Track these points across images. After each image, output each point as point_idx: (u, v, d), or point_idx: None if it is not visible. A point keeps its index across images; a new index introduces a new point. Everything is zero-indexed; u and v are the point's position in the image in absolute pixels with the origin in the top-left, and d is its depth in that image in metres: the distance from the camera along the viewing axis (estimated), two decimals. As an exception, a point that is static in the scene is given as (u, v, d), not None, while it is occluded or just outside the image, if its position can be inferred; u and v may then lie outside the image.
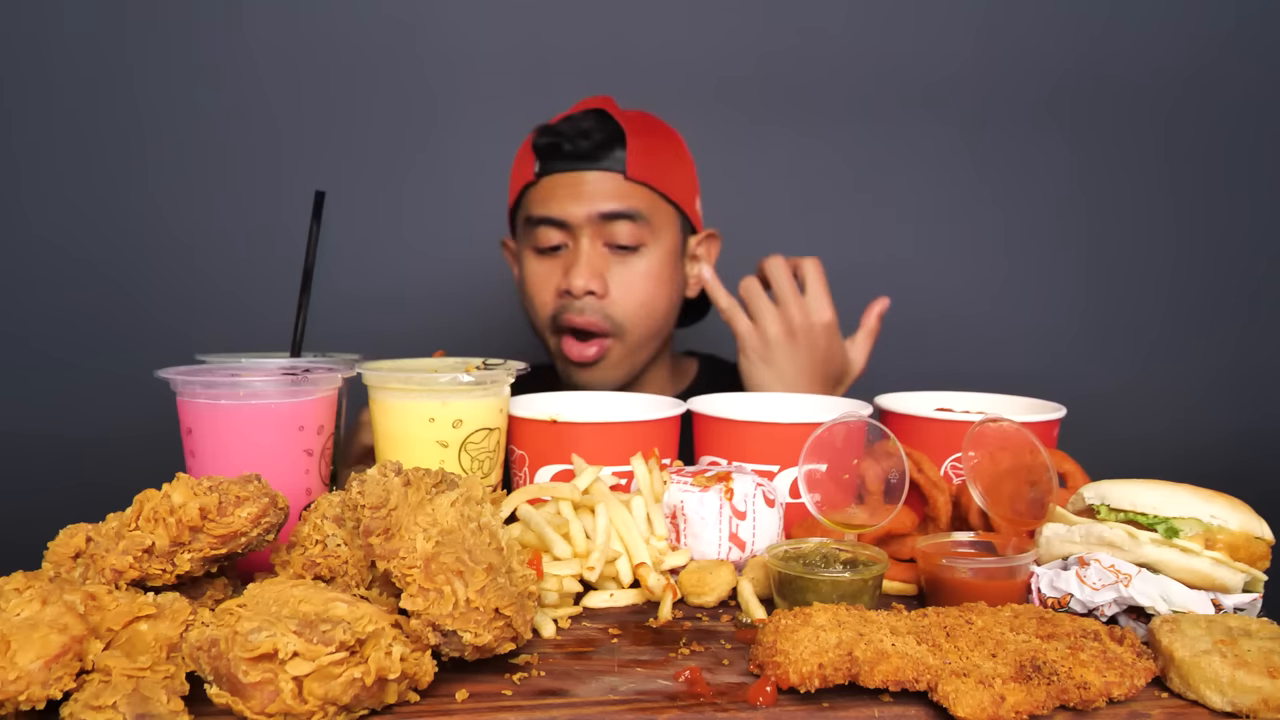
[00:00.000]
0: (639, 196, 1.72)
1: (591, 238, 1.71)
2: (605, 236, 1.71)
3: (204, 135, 2.41)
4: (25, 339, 2.40)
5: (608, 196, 1.70)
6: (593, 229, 1.71)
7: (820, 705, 0.80)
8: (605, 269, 1.72)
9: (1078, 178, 2.55)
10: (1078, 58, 2.51)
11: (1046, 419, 1.25)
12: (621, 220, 1.70)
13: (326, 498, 0.96)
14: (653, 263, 1.74)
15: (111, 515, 0.89)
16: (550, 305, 1.75)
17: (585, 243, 1.71)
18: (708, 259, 1.89)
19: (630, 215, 1.70)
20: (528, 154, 1.78)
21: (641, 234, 1.72)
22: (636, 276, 1.73)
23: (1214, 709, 0.80)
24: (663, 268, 1.76)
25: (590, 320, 1.71)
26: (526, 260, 1.80)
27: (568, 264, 1.72)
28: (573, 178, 1.72)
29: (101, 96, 2.37)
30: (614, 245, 1.72)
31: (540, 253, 1.76)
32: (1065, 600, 0.96)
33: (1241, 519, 0.96)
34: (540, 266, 1.77)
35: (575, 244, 1.72)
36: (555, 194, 1.72)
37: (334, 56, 2.41)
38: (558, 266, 1.74)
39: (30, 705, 0.70)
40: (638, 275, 1.74)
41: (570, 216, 1.70)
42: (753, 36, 2.44)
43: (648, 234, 1.73)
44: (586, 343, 1.73)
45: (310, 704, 0.72)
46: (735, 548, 1.11)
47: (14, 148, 2.37)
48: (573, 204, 1.70)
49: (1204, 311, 2.60)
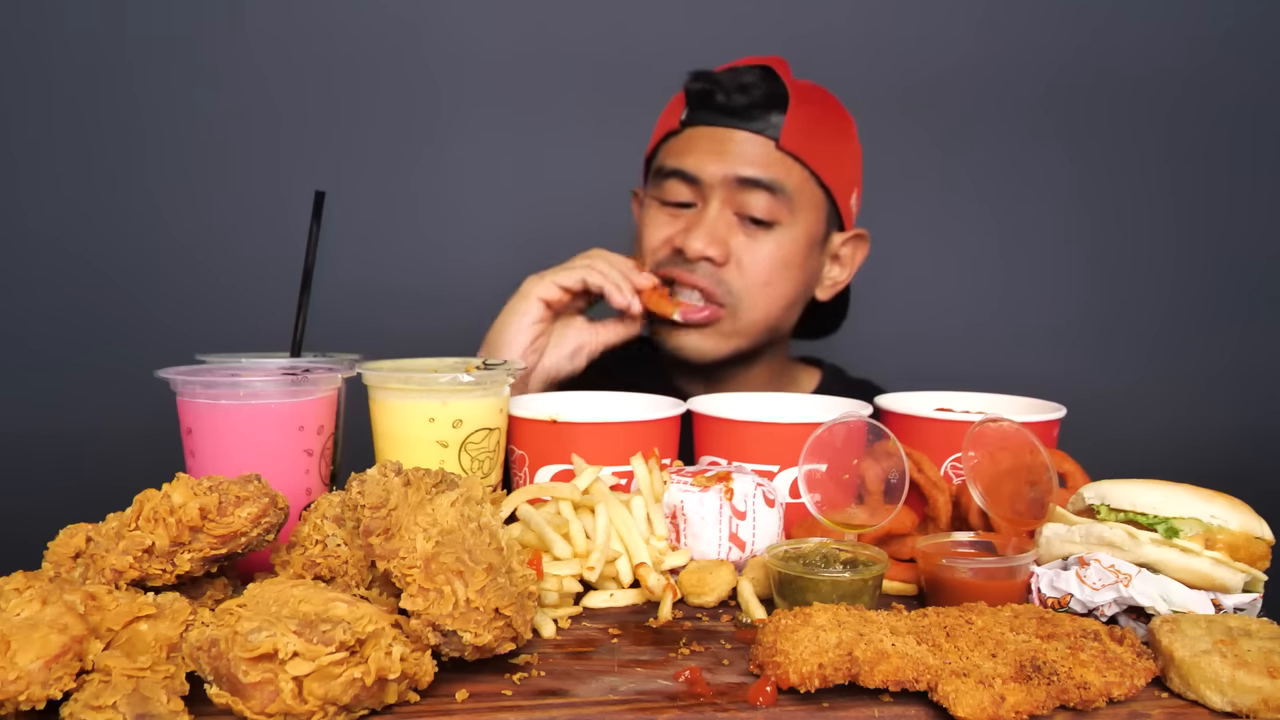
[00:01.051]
0: (786, 169, 1.56)
1: (723, 202, 1.56)
2: (737, 205, 1.57)
3: (204, 134, 2.40)
4: (25, 339, 2.40)
5: (751, 161, 1.55)
6: (726, 193, 1.56)
7: (820, 705, 0.80)
8: (730, 238, 1.57)
9: (1078, 177, 2.55)
10: (1077, 57, 2.51)
11: (1046, 419, 1.25)
12: (759, 190, 1.55)
13: (326, 498, 0.96)
14: (785, 244, 1.58)
15: (111, 515, 0.89)
16: (659, 256, 1.61)
17: (715, 205, 1.56)
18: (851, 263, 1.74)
19: (770, 187, 1.55)
20: (679, 100, 1.64)
21: (779, 210, 1.56)
22: (763, 255, 1.57)
23: (1214, 709, 0.80)
24: (795, 253, 1.60)
25: (703, 283, 1.57)
26: (649, 209, 1.65)
27: (690, 224, 1.58)
28: (718, 133, 1.57)
29: (101, 95, 2.37)
30: (745, 216, 1.57)
31: (665, 205, 1.62)
32: (1065, 600, 0.96)
33: (1241, 519, 0.96)
34: (660, 216, 1.62)
35: (704, 205, 1.57)
36: (695, 147, 1.58)
37: (335, 55, 2.41)
38: (678, 222, 1.60)
39: (30, 705, 0.70)
40: (764, 254, 1.57)
41: (705, 174, 1.56)
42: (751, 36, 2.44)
43: (785, 211, 1.57)
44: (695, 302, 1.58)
45: (310, 704, 0.72)
46: (735, 548, 1.11)
47: (13, 146, 2.37)
48: (711, 161, 1.56)
49: (1204, 311, 2.60)
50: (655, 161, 1.68)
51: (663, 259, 1.61)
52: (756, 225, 1.57)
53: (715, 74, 1.60)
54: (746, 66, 1.62)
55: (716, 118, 1.58)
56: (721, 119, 1.58)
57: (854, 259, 1.74)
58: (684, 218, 1.60)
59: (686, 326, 1.60)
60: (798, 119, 1.57)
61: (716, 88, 1.58)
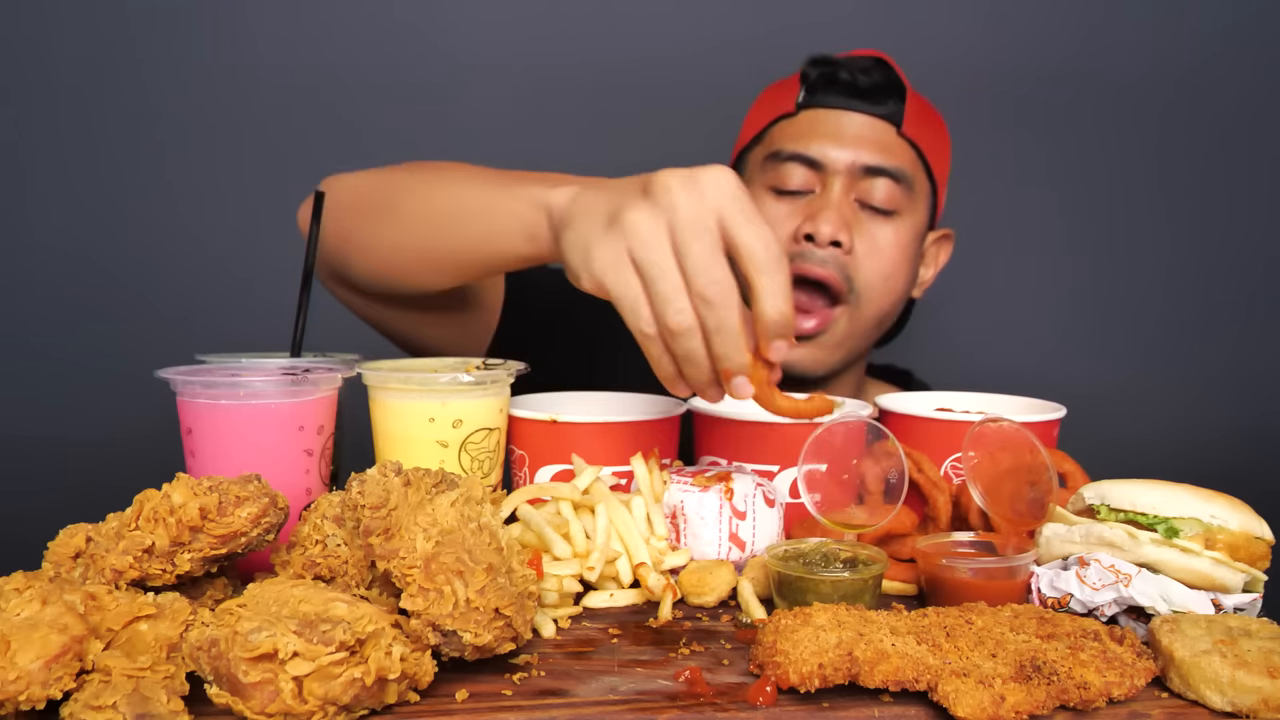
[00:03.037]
0: (907, 157, 1.52)
1: (845, 188, 1.50)
2: (859, 192, 1.51)
3: (204, 134, 2.40)
4: (25, 339, 2.40)
5: (875, 147, 1.50)
6: (848, 179, 1.50)
7: (820, 705, 0.80)
8: (854, 224, 1.50)
9: (1075, 175, 2.55)
10: (1074, 54, 2.50)
11: (1046, 419, 1.25)
12: (883, 177, 1.49)
13: (326, 498, 0.96)
14: (903, 234, 1.52)
15: (111, 515, 0.89)
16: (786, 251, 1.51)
17: (837, 189, 1.49)
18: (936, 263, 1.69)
19: (894, 174, 1.50)
20: (789, 85, 1.58)
21: (899, 199, 1.51)
22: (886, 243, 1.50)
23: (1214, 709, 0.80)
24: (911, 244, 1.54)
25: (829, 274, 1.48)
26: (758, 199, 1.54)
27: (811, 209, 1.50)
28: (840, 116, 1.52)
29: (103, 96, 2.37)
30: (865, 204, 1.51)
31: (779, 194, 1.54)
32: (1065, 600, 0.96)
33: (1241, 519, 0.96)
34: (778, 207, 1.53)
35: (824, 191, 1.50)
36: (816, 129, 1.52)
37: (336, 55, 2.41)
38: (798, 210, 1.52)
39: (30, 705, 0.70)
40: (887, 242, 1.50)
41: (828, 158, 1.50)
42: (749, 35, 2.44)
43: (906, 201, 1.52)
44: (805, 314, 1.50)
45: (310, 704, 0.72)
46: (735, 548, 1.11)
47: (14, 146, 2.37)
48: (834, 145, 1.50)
49: (1203, 310, 2.60)
50: (762, 146, 1.60)
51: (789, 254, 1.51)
52: (877, 214, 1.52)
53: (834, 57, 1.56)
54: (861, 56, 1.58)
55: (839, 99, 1.53)
56: (844, 100, 1.53)
57: (938, 259, 1.70)
58: (802, 204, 1.53)
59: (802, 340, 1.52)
60: (914, 108, 1.53)
61: (839, 68, 1.53)
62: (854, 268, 1.51)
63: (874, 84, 1.53)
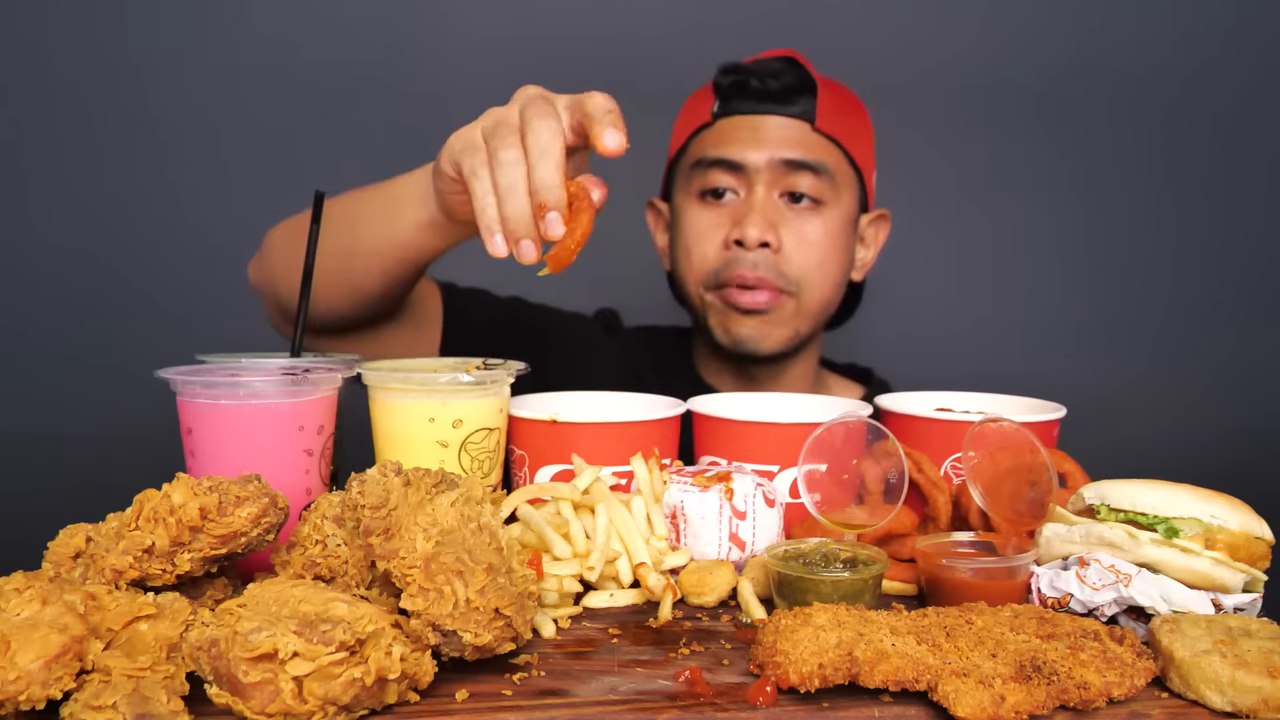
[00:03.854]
0: (825, 150, 1.58)
1: (768, 186, 1.56)
2: (783, 186, 1.56)
3: (204, 132, 2.40)
4: (25, 339, 2.40)
5: (792, 144, 1.56)
6: (770, 177, 1.56)
7: (820, 705, 0.80)
8: (780, 222, 1.56)
9: (1076, 177, 2.55)
10: (1077, 55, 2.51)
11: (1046, 419, 1.25)
12: (804, 171, 1.55)
13: (326, 498, 0.96)
14: (831, 224, 1.58)
15: (111, 515, 0.89)
16: (712, 259, 1.59)
17: (760, 190, 1.56)
18: (875, 243, 1.74)
19: (814, 167, 1.56)
20: (705, 95, 1.64)
21: (824, 190, 1.57)
22: (814, 235, 1.56)
23: (1214, 709, 0.80)
24: (840, 231, 1.60)
25: (762, 276, 1.55)
26: (687, 209, 1.63)
27: (737, 214, 1.57)
28: (755, 120, 1.58)
29: (103, 95, 2.37)
30: (791, 197, 1.56)
31: (704, 199, 1.61)
32: (1065, 600, 0.96)
33: (1241, 519, 0.96)
34: (705, 215, 1.60)
35: (748, 192, 1.57)
36: (734, 135, 1.58)
37: (336, 55, 2.41)
38: (725, 216, 1.58)
39: (30, 705, 0.70)
40: (816, 233, 1.57)
41: (748, 160, 1.56)
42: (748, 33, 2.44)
43: (830, 192, 1.58)
44: (757, 290, 1.57)
45: (310, 704, 0.72)
46: (735, 548, 1.11)
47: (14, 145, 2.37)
48: (752, 147, 1.56)
49: (1204, 310, 2.60)
50: (684, 160, 1.66)
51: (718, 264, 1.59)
52: (803, 207, 1.57)
53: (742, 64, 1.61)
54: (769, 58, 1.63)
55: (751, 105, 1.59)
56: (756, 105, 1.59)
57: (877, 239, 1.76)
58: (728, 207, 1.59)
59: (747, 314, 1.59)
60: (827, 102, 1.58)
61: (749, 76, 1.59)
62: (785, 263, 1.58)
63: (785, 86, 1.58)
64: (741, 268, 1.56)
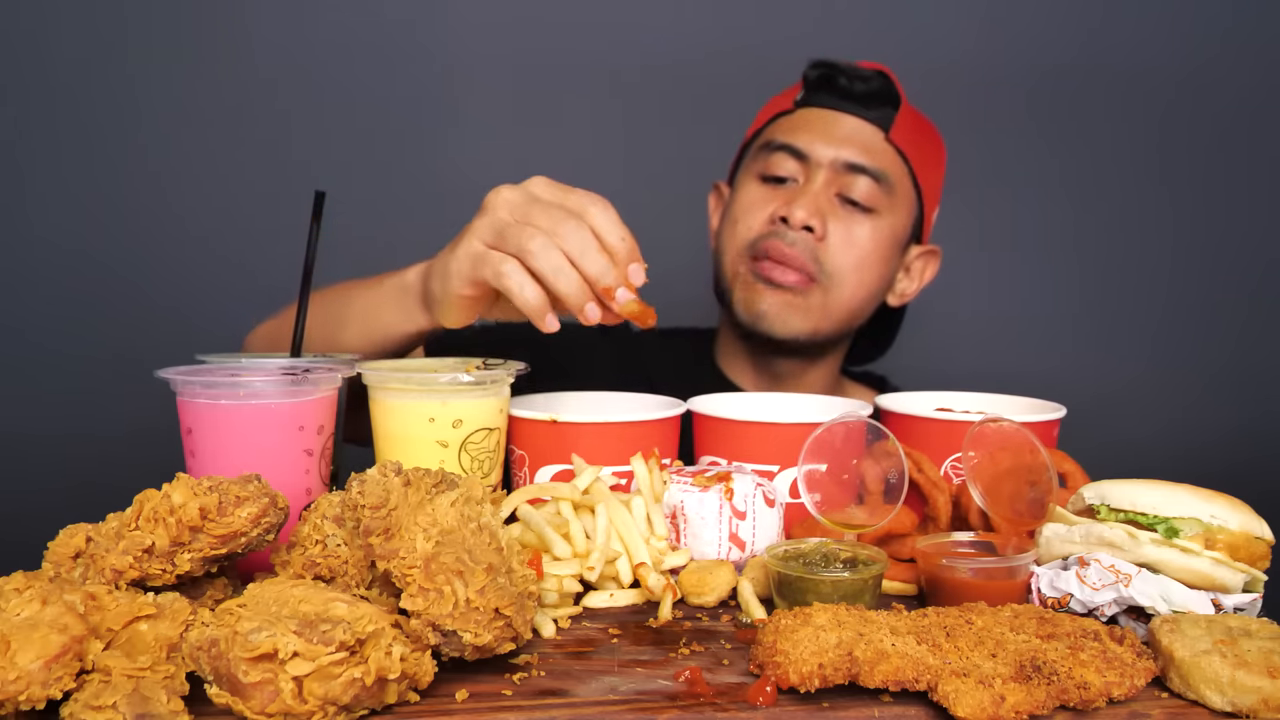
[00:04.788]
0: (891, 161, 1.60)
1: (827, 182, 1.58)
2: (841, 187, 1.58)
3: (204, 133, 2.40)
4: (25, 339, 2.40)
5: (860, 147, 1.58)
6: (831, 174, 1.58)
7: (820, 705, 0.80)
8: (830, 214, 1.57)
9: (1076, 176, 2.55)
10: (1076, 54, 2.51)
11: (1046, 419, 1.25)
12: (865, 176, 1.57)
13: (326, 498, 0.96)
14: (880, 232, 1.59)
15: (111, 515, 0.89)
16: (755, 230, 1.60)
17: (819, 181, 1.57)
18: (920, 277, 1.75)
19: (876, 174, 1.57)
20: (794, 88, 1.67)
21: (879, 198, 1.58)
22: (860, 236, 1.57)
23: (1214, 709, 0.80)
24: (885, 244, 1.61)
25: (795, 254, 1.56)
26: (745, 185, 1.65)
27: (790, 196, 1.58)
28: (832, 116, 1.61)
29: (103, 94, 2.37)
30: (846, 199, 1.58)
31: (765, 180, 1.62)
32: (1065, 600, 0.96)
33: (1241, 519, 0.96)
34: (759, 191, 1.62)
35: (807, 181, 1.58)
36: (808, 125, 1.61)
37: (336, 53, 2.41)
38: (778, 196, 1.60)
39: (30, 705, 0.70)
40: (862, 235, 1.58)
41: (814, 151, 1.58)
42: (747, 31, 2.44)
43: (885, 201, 1.59)
44: (787, 268, 1.57)
45: (310, 704, 0.72)
46: (735, 548, 1.11)
47: (14, 145, 2.37)
48: (822, 141, 1.58)
49: (1203, 311, 2.60)
50: (760, 139, 1.68)
51: (759, 234, 1.60)
52: (856, 210, 1.58)
53: (835, 61, 1.64)
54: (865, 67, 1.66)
55: (833, 101, 1.62)
56: (838, 102, 1.61)
57: (924, 274, 1.76)
58: (784, 191, 1.60)
59: (777, 288, 1.59)
60: (907, 119, 1.61)
61: (838, 72, 1.61)
62: (825, 253, 1.58)
63: (869, 90, 1.61)
64: (780, 241, 1.57)
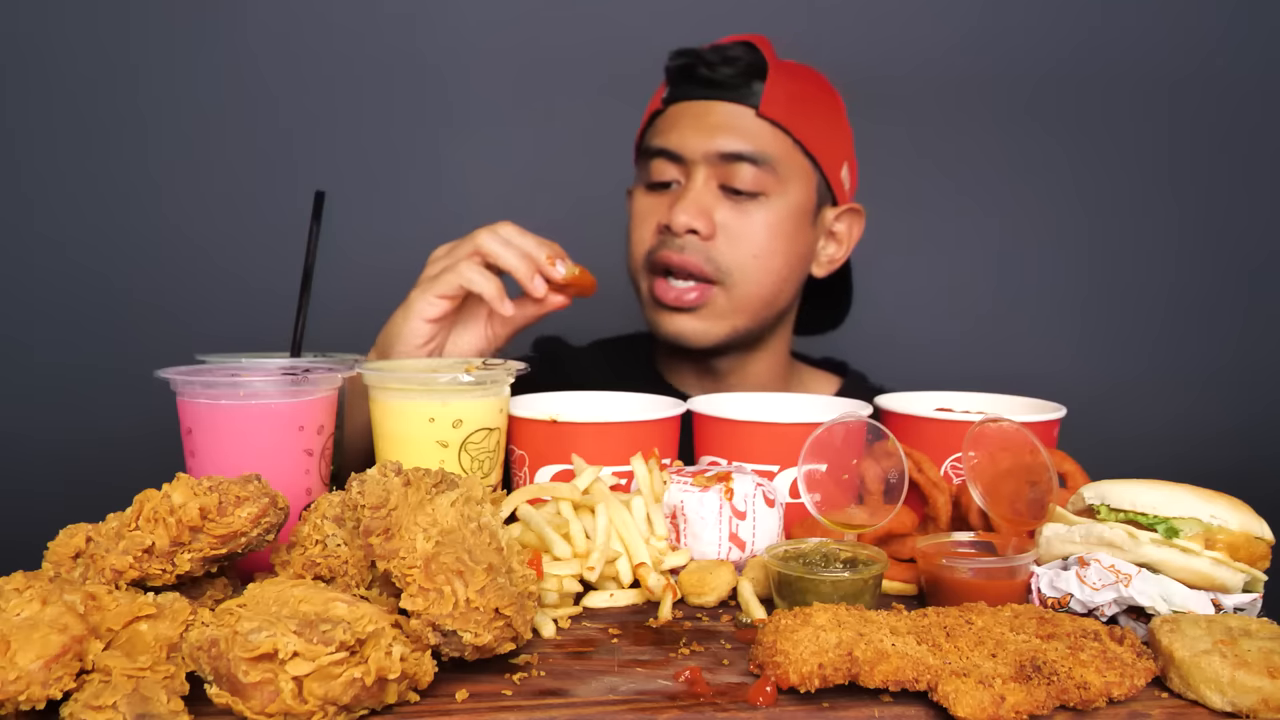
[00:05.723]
0: (769, 139, 1.54)
1: (706, 177, 1.54)
2: (723, 177, 1.54)
3: (204, 133, 2.40)
4: (25, 339, 2.40)
5: (732, 133, 1.53)
6: (709, 167, 1.54)
7: (820, 705, 0.80)
8: (714, 210, 1.54)
9: (1077, 175, 2.55)
10: (1077, 51, 2.51)
11: (1046, 419, 1.25)
12: (743, 162, 1.53)
13: (326, 498, 0.96)
14: (773, 215, 1.55)
15: (111, 515, 0.89)
16: (647, 242, 1.58)
17: (698, 180, 1.54)
18: (848, 238, 1.70)
19: (754, 158, 1.53)
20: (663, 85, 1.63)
21: (764, 181, 1.54)
22: (752, 226, 1.54)
23: (1214, 709, 0.80)
24: (785, 223, 1.56)
25: (689, 260, 1.53)
26: (635, 195, 1.64)
27: (672, 202, 1.55)
28: (700, 107, 1.56)
29: (102, 94, 2.37)
30: (730, 189, 1.55)
31: (650, 189, 1.60)
32: (1065, 600, 0.96)
33: (1241, 519, 0.96)
34: (645, 201, 1.60)
35: (687, 182, 1.55)
36: (677, 124, 1.57)
37: (336, 54, 2.41)
38: (664, 203, 1.57)
39: (30, 705, 0.70)
40: (754, 225, 1.54)
41: (686, 149, 1.54)
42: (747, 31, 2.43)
43: (772, 182, 1.54)
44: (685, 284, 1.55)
45: (310, 704, 0.72)
46: (735, 548, 1.11)
47: (14, 145, 2.37)
48: (693, 136, 1.54)
49: (1204, 310, 2.60)
50: (642, 144, 1.66)
51: (653, 246, 1.58)
52: (743, 198, 1.55)
53: (697, 49, 1.59)
54: (729, 43, 1.61)
55: (698, 91, 1.57)
56: (703, 92, 1.57)
57: (850, 235, 1.71)
58: (668, 195, 1.58)
59: (681, 311, 1.57)
60: (778, 87, 1.55)
61: (698, 61, 1.57)
62: (717, 251, 1.55)
63: (734, 73, 1.56)
64: (669, 250, 1.54)
